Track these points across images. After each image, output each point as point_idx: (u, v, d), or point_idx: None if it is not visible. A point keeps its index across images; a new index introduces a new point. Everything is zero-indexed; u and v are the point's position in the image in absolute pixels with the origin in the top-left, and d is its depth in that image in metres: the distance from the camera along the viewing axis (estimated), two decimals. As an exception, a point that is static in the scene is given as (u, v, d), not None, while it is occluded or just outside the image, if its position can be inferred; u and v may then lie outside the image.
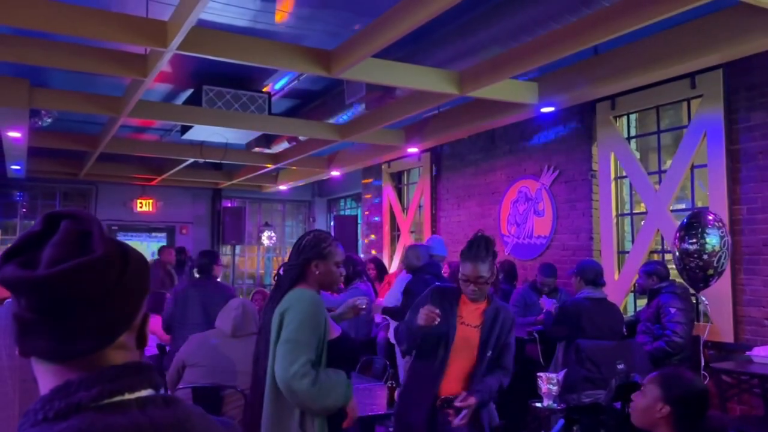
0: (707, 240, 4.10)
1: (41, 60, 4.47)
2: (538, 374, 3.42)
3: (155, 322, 5.77)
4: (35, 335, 0.83)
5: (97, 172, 9.46)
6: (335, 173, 9.63)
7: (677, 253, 4.26)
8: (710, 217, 4.26)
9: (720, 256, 4.09)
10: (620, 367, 3.97)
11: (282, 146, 7.97)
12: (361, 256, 9.06)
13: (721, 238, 4.14)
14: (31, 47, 4.42)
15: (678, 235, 4.29)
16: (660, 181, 5.58)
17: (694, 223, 4.21)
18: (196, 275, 5.20)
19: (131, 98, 5.41)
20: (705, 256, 4.09)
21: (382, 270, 7.16)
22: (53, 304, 0.82)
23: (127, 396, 0.85)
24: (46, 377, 0.86)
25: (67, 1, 3.85)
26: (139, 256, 0.92)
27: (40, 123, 6.65)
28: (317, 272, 2.47)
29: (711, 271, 4.00)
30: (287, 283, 2.46)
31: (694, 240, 4.14)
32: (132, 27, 3.96)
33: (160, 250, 8.73)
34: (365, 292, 6.21)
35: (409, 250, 5.51)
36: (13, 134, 6.49)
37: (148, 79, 4.78)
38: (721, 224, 4.23)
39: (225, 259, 11.53)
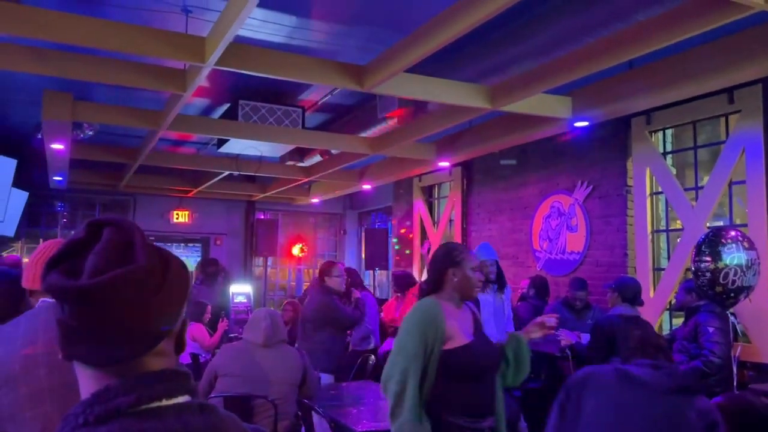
0: (722, 257, 3.97)
1: (85, 74, 4.61)
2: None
3: (198, 330, 5.89)
4: (78, 341, 0.86)
5: (135, 183, 9.68)
6: (366, 186, 9.68)
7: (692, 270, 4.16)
8: (732, 234, 4.13)
9: (730, 272, 3.91)
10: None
11: (315, 159, 8.06)
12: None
13: (741, 254, 3.99)
14: (75, 62, 4.57)
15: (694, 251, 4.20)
16: (697, 198, 5.47)
17: (708, 240, 4.08)
18: None
19: (170, 112, 5.54)
20: (711, 274, 3.95)
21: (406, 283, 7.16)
22: (95, 312, 0.84)
23: (165, 402, 0.87)
24: (87, 381, 0.89)
25: (110, 18, 3.99)
26: (180, 264, 0.93)
27: (82, 135, 6.84)
28: (455, 279, 2.62)
29: (719, 288, 3.86)
30: (424, 294, 2.69)
31: (707, 258, 4.01)
32: (172, 43, 4.08)
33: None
34: (370, 303, 6.27)
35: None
36: (57, 146, 6.68)
37: (186, 94, 4.90)
38: (743, 240, 4.08)
39: (257, 270, 11.67)
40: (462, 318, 2.65)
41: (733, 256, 3.95)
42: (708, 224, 5.28)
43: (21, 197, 7.71)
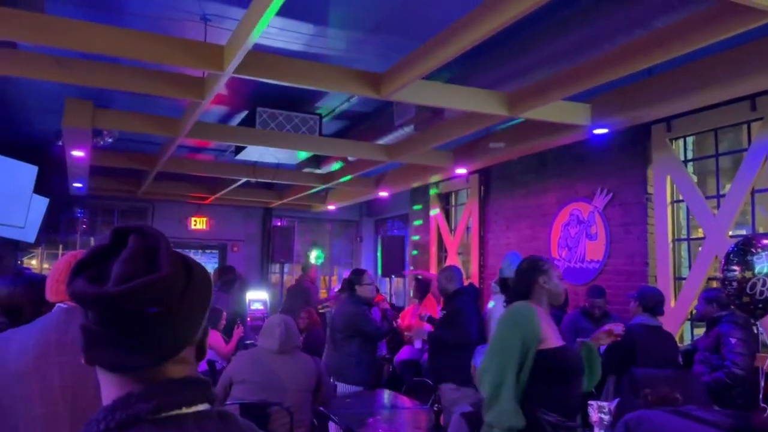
0: (752, 266, 3.85)
1: (105, 82, 4.67)
2: (589, 402, 3.32)
3: (214, 337, 5.92)
4: (101, 347, 0.87)
5: (154, 190, 9.77)
6: (383, 194, 9.68)
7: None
8: (764, 242, 4.02)
9: (758, 283, 3.80)
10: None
11: (331, 166, 8.08)
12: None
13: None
14: (97, 70, 4.62)
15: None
16: (718, 206, 5.39)
17: (738, 249, 3.97)
18: None
19: (189, 119, 5.59)
20: (738, 283, 3.84)
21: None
22: (120, 319, 0.84)
23: (185, 410, 0.87)
24: (109, 387, 0.89)
25: (130, 27, 4.03)
26: (202, 272, 0.94)
27: (102, 142, 6.92)
28: (546, 286, 2.85)
29: (746, 299, 3.77)
30: (510, 300, 2.99)
31: (735, 267, 3.90)
32: (191, 51, 4.11)
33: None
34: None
35: (440, 273, 5.34)
36: (77, 153, 6.77)
37: (205, 101, 4.93)
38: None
39: (274, 277, 11.70)
40: (551, 323, 2.85)
41: (763, 266, 3.85)
42: (730, 233, 5.19)
43: (41, 204, 7.81)
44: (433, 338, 4.95)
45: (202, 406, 0.90)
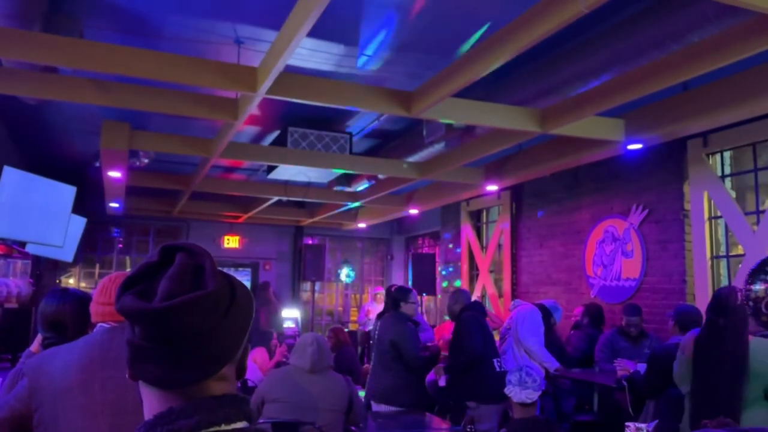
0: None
1: (142, 105, 4.78)
2: (627, 424, 3.22)
3: (260, 354, 5.99)
4: (146, 362, 0.88)
5: (188, 209, 9.93)
6: (413, 211, 9.67)
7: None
8: None
9: None
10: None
11: (362, 185, 8.11)
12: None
13: None
14: (133, 93, 4.74)
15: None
16: (758, 222, 5.24)
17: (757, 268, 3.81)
18: None
19: (222, 140, 5.68)
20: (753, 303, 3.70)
21: None
22: (165, 335, 0.86)
23: (224, 427, 0.88)
24: (151, 401, 0.91)
25: (166, 50, 4.13)
26: (245, 291, 0.95)
27: (138, 163, 7.07)
28: None
29: (765, 318, 3.63)
30: None
31: (753, 285, 3.75)
32: (225, 73, 4.19)
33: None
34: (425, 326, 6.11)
35: (449, 298, 5.42)
36: (114, 174, 6.92)
37: (238, 122, 5.01)
38: None
39: (305, 295, 11.74)
40: None
41: None
42: (772, 250, 5.04)
43: (80, 223, 7.99)
44: (448, 368, 5.04)
45: (240, 424, 0.90)
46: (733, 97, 4.44)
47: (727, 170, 5.72)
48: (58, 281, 10.25)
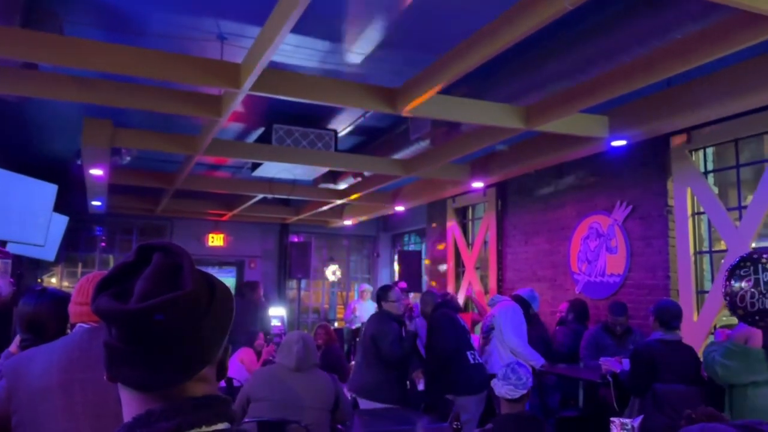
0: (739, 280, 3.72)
1: (124, 102, 4.72)
2: (611, 419, 3.25)
3: (247, 354, 5.96)
4: (123, 364, 0.87)
5: (172, 208, 9.84)
6: (399, 208, 9.66)
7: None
8: (755, 256, 3.88)
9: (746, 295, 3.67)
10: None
11: (348, 182, 8.08)
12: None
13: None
14: (115, 90, 4.68)
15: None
16: (740, 218, 5.30)
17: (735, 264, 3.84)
18: None
19: (206, 137, 5.63)
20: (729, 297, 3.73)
21: None
22: (142, 336, 0.84)
23: (204, 429, 0.87)
24: (130, 404, 0.89)
25: (148, 46, 4.08)
26: (225, 290, 0.94)
27: (120, 161, 6.99)
28: None
29: (740, 311, 3.68)
30: None
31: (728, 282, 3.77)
32: (208, 70, 4.15)
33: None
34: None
35: (420, 302, 5.62)
36: (96, 172, 6.84)
37: (222, 119, 4.96)
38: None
39: (291, 293, 11.70)
40: None
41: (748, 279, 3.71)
42: (753, 245, 5.10)
43: (61, 222, 7.88)
44: (426, 368, 5.25)
45: (222, 425, 0.89)
46: (715, 93, 4.48)
47: (710, 166, 5.77)
48: (40, 280, 10.12)
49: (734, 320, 5.37)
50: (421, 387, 5.43)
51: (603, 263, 6.57)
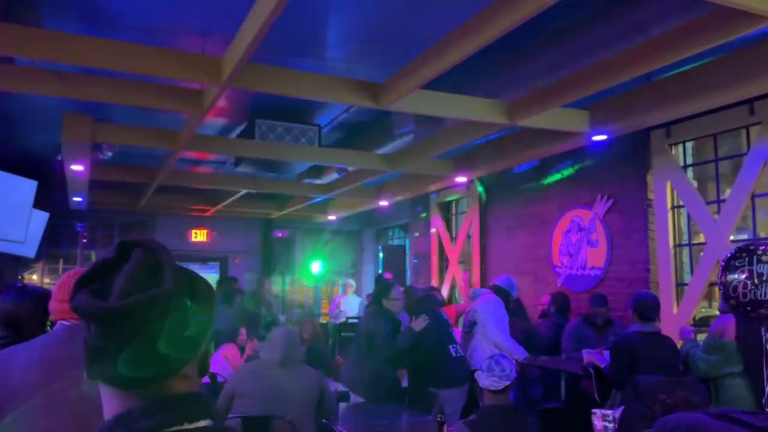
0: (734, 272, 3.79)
1: (104, 96, 4.67)
2: (593, 411, 3.29)
3: (231, 350, 5.94)
4: (103, 361, 0.86)
5: (154, 203, 9.76)
6: (384, 203, 9.68)
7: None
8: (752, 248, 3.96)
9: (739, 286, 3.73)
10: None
11: (332, 177, 8.08)
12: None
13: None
14: (95, 84, 4.63)
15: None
16: (719, 211, 5.38)
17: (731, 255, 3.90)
18: None
19: (188, 132, 5.59)
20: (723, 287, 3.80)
21: None
22: (122, 334, 0.84)
23: (186, 426, 0.86)
24: (111, 402, 0.89)
25: (128, 40, 4.04)
26: (206, 287, 0.94)
27: (101, 157, 6.92)
28: None
29: (733, 302, 3.75)
30: None
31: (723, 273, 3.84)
32: (189, 63, 4.12)
33: None
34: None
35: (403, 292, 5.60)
36: (76, 167, 6.77)
37: (203, 114, 4.93)
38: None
39: (275, 289, 11.66)
40: None
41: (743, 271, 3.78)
42: (731, 238, 5.18)
43: (42, 218, 7.78)
44: (410, 365, 5.18)
45: (204, 422, 0.89)
46: (695, 88, 4.54)
47: (690, 160, 5.84)
48: (20, 277, 10.00)
49: (712, 312, 5.48)
50: (404, 383, 5.45)
51: (584, 256, 6.64)
